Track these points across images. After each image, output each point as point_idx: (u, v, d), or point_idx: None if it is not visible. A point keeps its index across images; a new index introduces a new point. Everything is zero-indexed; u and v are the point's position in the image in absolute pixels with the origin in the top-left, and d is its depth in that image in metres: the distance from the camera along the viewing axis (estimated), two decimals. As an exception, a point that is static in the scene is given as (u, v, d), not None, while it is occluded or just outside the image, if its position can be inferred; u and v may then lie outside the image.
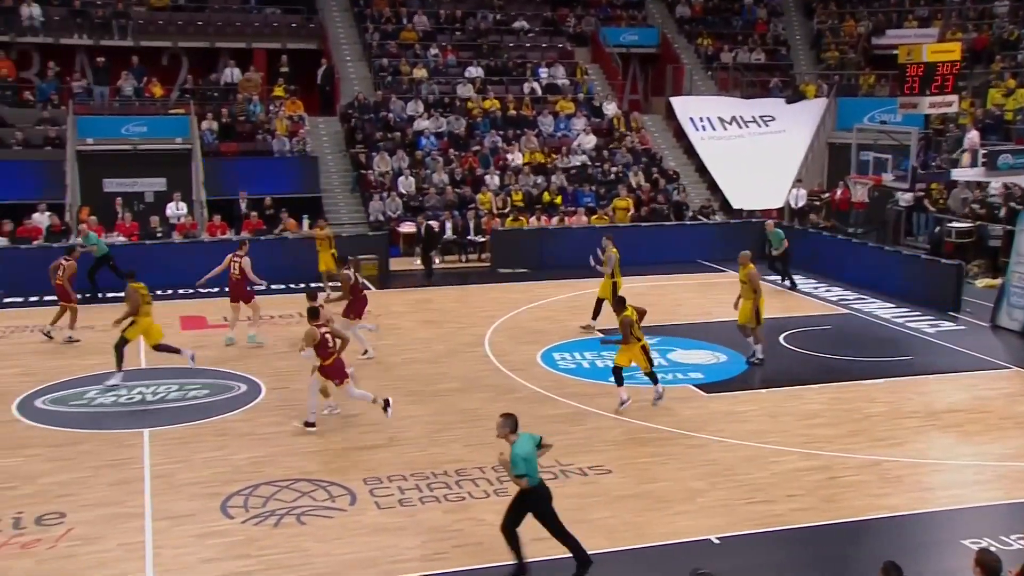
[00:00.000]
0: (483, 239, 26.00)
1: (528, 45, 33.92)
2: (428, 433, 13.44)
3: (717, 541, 10.30)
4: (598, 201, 28.25)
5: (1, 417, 13.93)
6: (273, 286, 22.59)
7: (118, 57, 29.03)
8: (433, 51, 32.34)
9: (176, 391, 15.19)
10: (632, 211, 27.39)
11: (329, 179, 28.05)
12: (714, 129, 31.88)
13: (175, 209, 25.03)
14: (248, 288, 18.00)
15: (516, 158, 29.12)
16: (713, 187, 30.39)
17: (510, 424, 9.29)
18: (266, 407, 14.54)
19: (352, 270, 17.08)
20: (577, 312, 19.88)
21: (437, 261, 25.07)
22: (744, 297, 16.63)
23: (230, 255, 18.06)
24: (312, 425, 13.45)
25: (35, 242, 22.95)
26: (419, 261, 24.55)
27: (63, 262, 18.35)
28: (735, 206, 29.35)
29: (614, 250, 18.77)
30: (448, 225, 26.03)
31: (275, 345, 17.85)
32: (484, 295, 22.03)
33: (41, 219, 23.63)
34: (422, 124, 29.48)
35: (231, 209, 25.42)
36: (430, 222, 24.83)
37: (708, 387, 15.58)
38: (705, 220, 28.04)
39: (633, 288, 19.84)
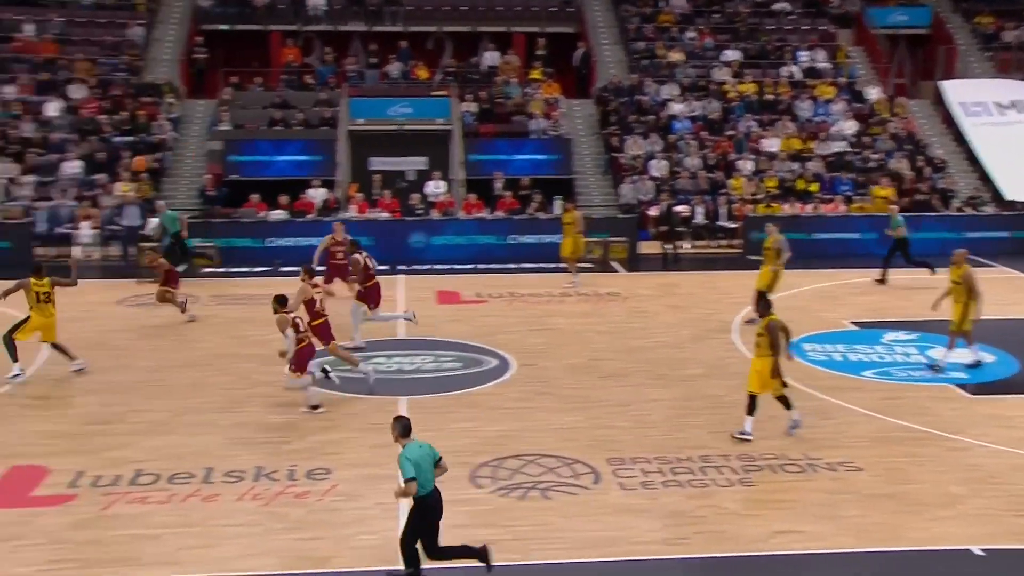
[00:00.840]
0: (734, 225, 25.51)
1: (788, 27, 32.85)
2: (672, 417, 13.37)
3: (981, 553, 9.69)
4: (856, 189, 27.04)
5: (276, 378, 14.94)
6: (526, 265, 23.16)
7: (388, 42, 30.52)
8: (690, 34, 31.93)
9: (431, 362, 15.86)
10: (894, 200, 26.05)
11: (582, 161, 28.33)
12: (990, 115, 29.79)
13: (434, 187, 26.05)
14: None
15: (771, 143, 28.32)
16: (985, 177, 28.41)
17: (399, 428, 8.88)
18: (515, 382, 14.93)
19: (364, 255, 16.51)
20: (829, 302, 19.14)
21: (686, 246, 24.82)
22: (955, 299, 15.09)
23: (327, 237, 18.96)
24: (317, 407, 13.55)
25: (308, 216, 24.55)
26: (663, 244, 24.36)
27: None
28: (1008, 197, 27.33)
29: (777, 236, 17.98)
30: (699, 210, 25.70)
31: (528, 323, 18.26)
32: (733, 282, 21.62)
33: (315, 194, 25.24)
34: (676, 108, 29.20)
35: (487, 188, 26.17)
36: (676, 207, 24.60)
37: (972, 388, 14.63)
38: (973, 211, 26.30)
39: (899, 280, 18.91)
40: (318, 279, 15.66)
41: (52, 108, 26.89)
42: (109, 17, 30.41)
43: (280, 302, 13.55)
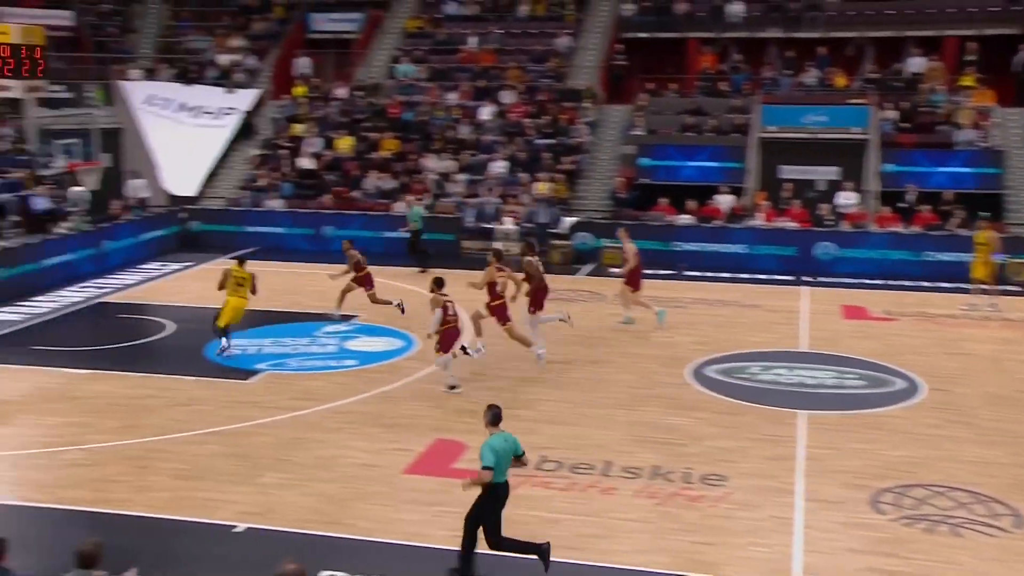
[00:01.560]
0: None
1: None
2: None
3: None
4: None
5: (676, 380, 15.19)
6: (942, 284, 21.66)
7: (806, 49, 29.71)
8: None
9: (833, 378, 15.28)
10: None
11: (1016, 176, 25.85)
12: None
13: (845, 199, 25.00)
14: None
15: None
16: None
17: (489, 416, 9.14)
18: (924, 407, 14.00)
19: (537, 258, 16.35)
20: None
21: None
22: None
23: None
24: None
25: (715, 222, 24.56)
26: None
27: None
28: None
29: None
30: None
31: (941, 345, 17.05)
32: None
33: (723, 200, 25.19)
34: None
35: (899, 201, 24.68)
36: None
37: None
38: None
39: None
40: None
41: (485, 112, 29.10)
42: (540, 28, 32.34)
43: (437, 284, 14.49)
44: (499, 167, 27.20)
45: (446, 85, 30.50)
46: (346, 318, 18.32)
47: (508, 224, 25.33)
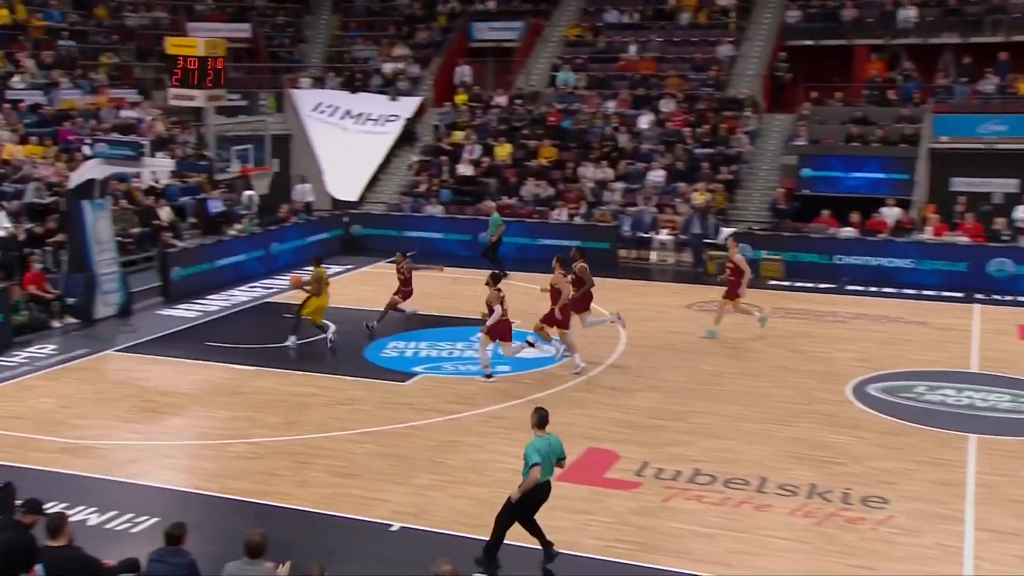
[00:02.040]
0: None
1: None
2: None
3: None
4: None
5: (835, 397, 14.70)
6: None
7: (985, 54, 28.29)
8: None
9: (1008, 402, 14.49)
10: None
11: None
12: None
13: (1022, 212, 23.70)
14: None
15: None
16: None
17: (535, 418, 9.44)
18: (1109, 437, 13.09)
19: (584, 263, 16.40)
20: None
21: None
22: None
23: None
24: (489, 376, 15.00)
25: (880, 235, 23.67)
26: None
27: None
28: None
29: None
30: None
31: None
32: None
33: (889, 213, 24.26)
34: None
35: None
36: None
37: None
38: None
39: None
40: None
41: (644, 121, 28.90)
42: (702, 36, 31.93)
43: (495, 279, 15.42)
44: (657, 176, 26.97)
45: (605, 93, 30.45)
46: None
47: (663, 234, 25.09)
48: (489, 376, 15.39)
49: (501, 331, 15.47)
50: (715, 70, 30.20)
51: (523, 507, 9.37)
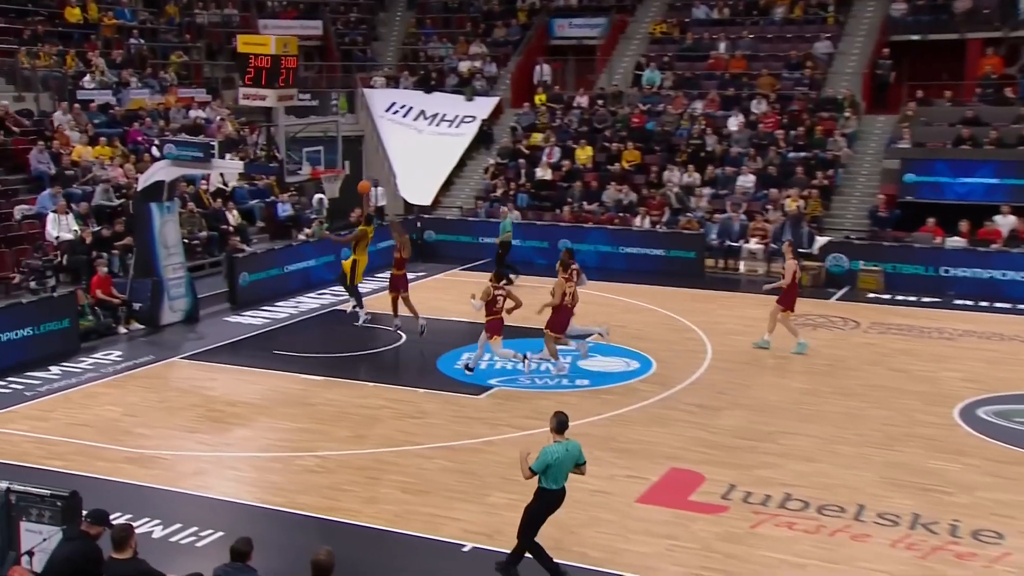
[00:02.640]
0: None
1: None
2: None
3: None
4: None
5: (941, 420, 14.34)
6: None
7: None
8: None
9: None
10: None
11: None
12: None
13: None
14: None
15: None
16: None
17: (554, 422, 9.58)
18: None
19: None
20: None
21: None
22: None
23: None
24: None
25: (993, 246, 23.04)
26: None
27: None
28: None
29: None
30: None
31: None
32: None
33: (1003, 222, 23.58)
34: None
35: None
36: None
37: None
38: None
39: None
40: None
41: (733, 122, 28.62)
42: (797, 32, 31.51)
43: (497, 278, 15.98)
44: (747, 181, 26.66)
45: (692, 93, 30.24)
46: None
47: (754, 243, 24.76)
48: (527, 360, 15.97)
49: (494, 327, 15.89)
50: (811, 68, 29.77)
51: (535, 515, 9.61)
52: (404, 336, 18.45)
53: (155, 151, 23.40)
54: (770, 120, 28.42)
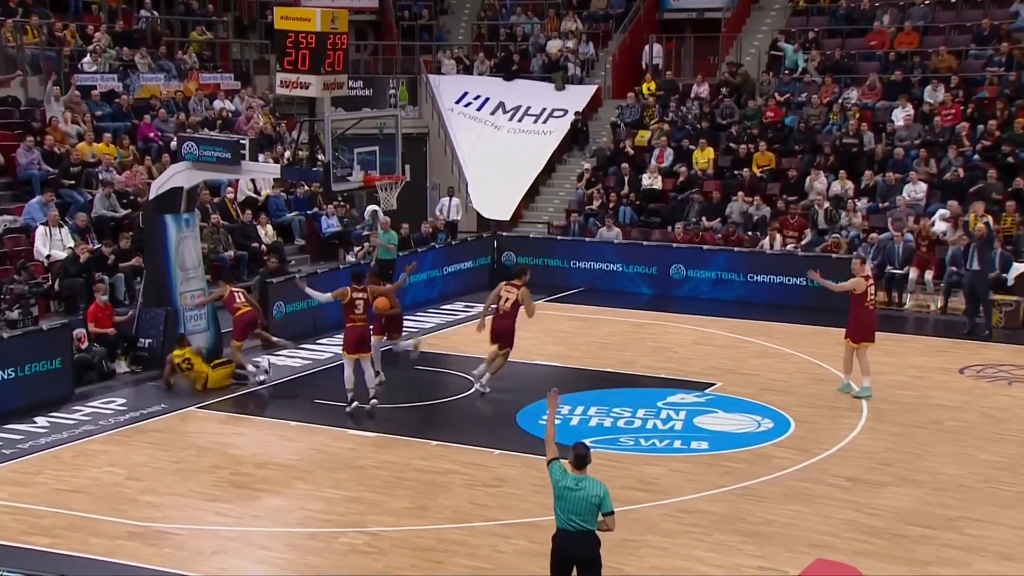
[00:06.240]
0: None
1: None
2: None
3: None
4: None
5: None
6: None
7: None
8: None
9: None
10: None
11: None
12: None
13: None
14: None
15: None
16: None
17: (572, 455, 9.87)
18: None
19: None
20: None
21: None
22: None
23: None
24: None
25: None
26: None
27: None
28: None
29: None
30: None
31: None
32: None
33: None
34: None
35: None
36: None
37: None
38: None
39: None
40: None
41: (899, 115, 28.25)
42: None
43: (357, 280, 17.50)
44: (916, 191, 26.30)
45: (846, 79, 30.05)
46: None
47: (918, 272, 24.17)
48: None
49: (348, 337, 17.34)
50: (1008, 43, 29.26)
51: (551, 562, 9.96)
52: (479, 386, 18.45)
53: (172, 150, 23.72)
54: (949, 112, 28.05)
